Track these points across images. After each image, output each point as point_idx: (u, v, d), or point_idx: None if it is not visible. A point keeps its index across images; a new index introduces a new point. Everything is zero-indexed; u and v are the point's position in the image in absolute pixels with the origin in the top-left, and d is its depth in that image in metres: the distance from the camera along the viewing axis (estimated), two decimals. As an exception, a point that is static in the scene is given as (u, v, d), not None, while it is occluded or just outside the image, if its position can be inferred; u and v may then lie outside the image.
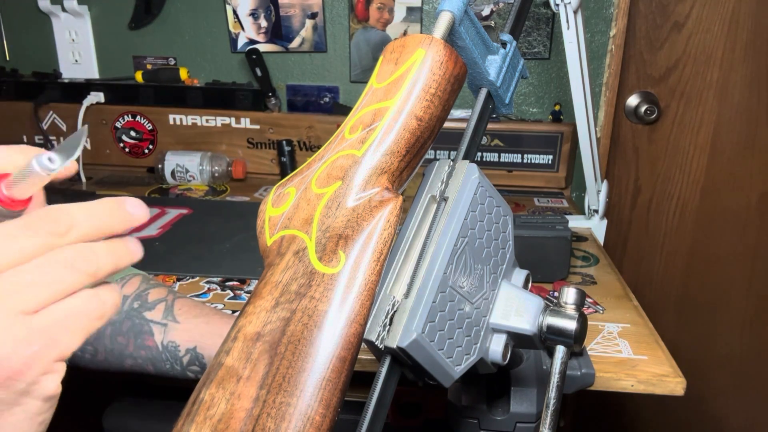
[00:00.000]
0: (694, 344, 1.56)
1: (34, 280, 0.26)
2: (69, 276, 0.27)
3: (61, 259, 0.27)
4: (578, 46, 1.00)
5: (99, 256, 0.28)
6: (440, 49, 0.33)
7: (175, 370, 0.61)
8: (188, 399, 0.29)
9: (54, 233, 0.27)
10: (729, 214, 1.45)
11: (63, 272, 0.27)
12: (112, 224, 0.29)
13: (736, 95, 1.38)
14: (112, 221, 0.29)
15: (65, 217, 0.28)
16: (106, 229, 0.29)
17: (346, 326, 0.30)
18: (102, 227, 0.29)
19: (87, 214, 0.28)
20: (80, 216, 0.28)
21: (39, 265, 0.26)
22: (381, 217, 0.32)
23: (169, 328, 0.61)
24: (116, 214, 0.29)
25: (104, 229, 0.29)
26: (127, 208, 0.30)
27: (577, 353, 0.66)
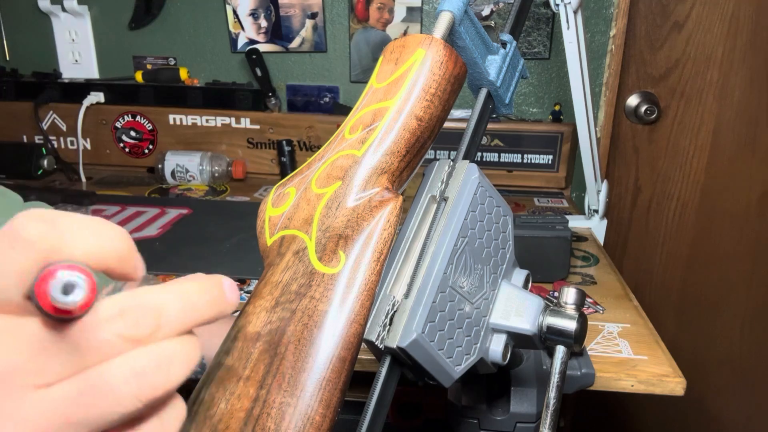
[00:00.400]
0: (694, 344, 1.56)
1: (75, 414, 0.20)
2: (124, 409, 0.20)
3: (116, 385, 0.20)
4: (578, 46, 1.00)
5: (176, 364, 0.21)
6: (440, 49, 0.33)
7: None
8: (188, 399, 0.29)
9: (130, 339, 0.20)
10: (729, 214, 1.45)
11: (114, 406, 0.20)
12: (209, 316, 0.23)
13: (736, 95, 1.38)
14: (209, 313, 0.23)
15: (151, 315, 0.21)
16: (200, 323, 0.23)
17: (346, 326, 0.30)
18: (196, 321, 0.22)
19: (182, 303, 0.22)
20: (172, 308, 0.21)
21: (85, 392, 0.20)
22: (381, 217, 0.32)
23: None
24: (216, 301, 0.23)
25: (198, 322, 0.22)
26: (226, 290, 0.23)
27: (577, 353, 0.66)
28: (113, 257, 0.21)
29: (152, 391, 0.20)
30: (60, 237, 0.20)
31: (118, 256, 0.21)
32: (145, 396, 0.20)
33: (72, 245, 0.20)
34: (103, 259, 0.20)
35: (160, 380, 0.21)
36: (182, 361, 0.21)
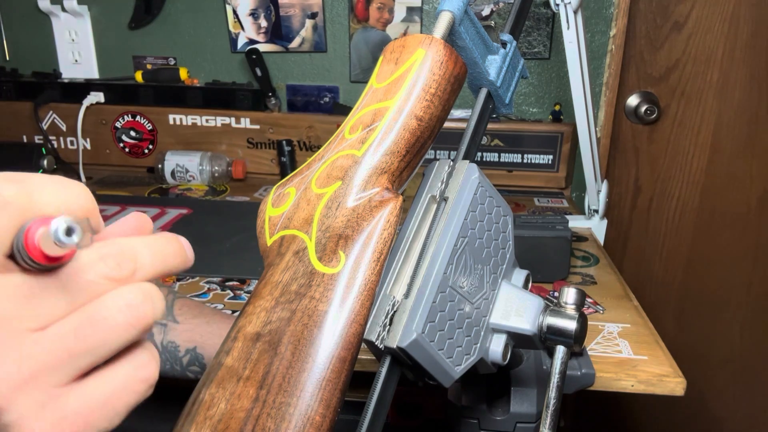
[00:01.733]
0: (694, 344, 1.56)
1: (80, 347, 0.22)
2: (123, 335, 0.22)
3: (115, 314, 0.22)
4: (578, 46, 1.00)
5: (156, 300, 0.23)
6: (440, 49, 0.33)
7: (174, 370, 0.61)
8: (188, 399, 0.29)
9: (113, 279, 0.22)
10: (729, 214, 1.45)
11: (117, 332, 0.22)
12: (173, 265, 0.25)
13: (736, 95, 1.38)
14: (174, 262, 0.25)
15: (129, 259, 0.23)
16: (167, 271, 0.24)
17: (346, 326, 0.30)
18: (164, 268, 0.24)
19: (151, 251, 0.24)
20: (145, 254, 0.23)
21: (86, 327, 0.22)
22: (381, 217, 0.32)
23: (169, 328, 0.61)
24: (178, 252, 0.25)
25: (166, 270, 0.24)
26: (184, 245, 0.25)
27: (577, 353, 0.66)
28: (80, 211, 0.23)
29: (143, 319, 0.22)
30: (30, 195, 0.21)
31: (85, 209, 0.23)
32: (138, 324, 0.22)
33: (43, 202, 0.21)
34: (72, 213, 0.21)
35: (149, 311, 0.23)
36: (161, 298, 0.23)
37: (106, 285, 0.22)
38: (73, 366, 0.22)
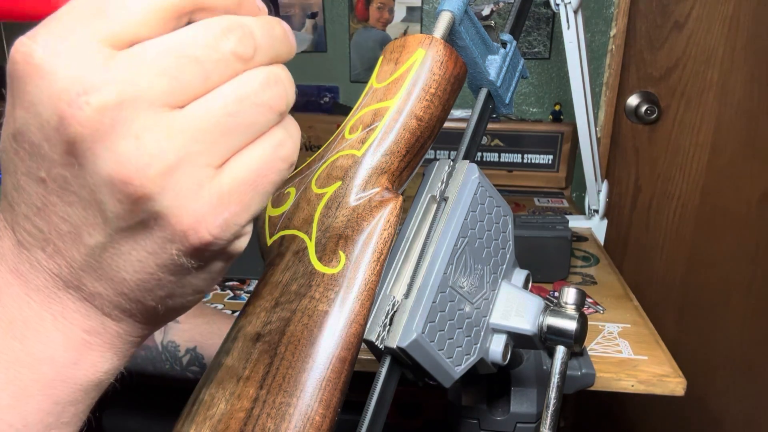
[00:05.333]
0: (694, 344, 1.56)
1: (228, 124, 0.21)
2: (265, 115, 0.22)
3: (251, 94, 0.21)
4: (578, 46, 1.00)
5: (287, 84, 0.22)
6: (440, 49, 0.33)
7: (174, 370, 0.61)
8: (188, 399, 0.29)
9: (244, 57, 0.21)
10: (729, 214, 1.45)
11: (259, 111, 0.22)
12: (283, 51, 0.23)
13: (737, 95, 1.38)
14: (282, 48, 0.23)
15: (250, 38, 0.21)
16: (277, 58, 0.23)
17: (346, 326, 0.30)
18: (275, 54, 0.23)
19: (267, 34, 0.22)
20: (262, 36, 0.22)
21: (231, 104, 0.21)
22: (381, 217, 0.32)
23: (169, 327, 0.61)
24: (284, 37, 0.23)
25: (276, 57, 0.23)
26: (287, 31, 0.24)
27: (577, 353, 0.66)
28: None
29: (282, 99, 0.22)
30: None
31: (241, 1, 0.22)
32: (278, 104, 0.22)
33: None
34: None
35: (285, 92, 0.22)
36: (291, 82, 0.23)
37: (235, 64, 0.21)
38: (224, 145, 0.21)
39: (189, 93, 0.20)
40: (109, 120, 0.19)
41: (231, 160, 0.21)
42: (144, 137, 0.19)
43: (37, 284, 0.22)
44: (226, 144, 0.21)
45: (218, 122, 0.21)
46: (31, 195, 0.21)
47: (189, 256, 0.22)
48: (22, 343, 0.22)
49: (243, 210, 0.22)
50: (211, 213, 0.21)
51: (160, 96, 0.20)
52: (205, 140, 0.20)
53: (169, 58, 0.20)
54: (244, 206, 0.22)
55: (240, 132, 0.21)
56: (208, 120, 0.20)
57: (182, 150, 0.20)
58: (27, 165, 0.21)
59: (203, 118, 0.20)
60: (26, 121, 0.20)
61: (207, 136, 0.20)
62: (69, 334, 0.23)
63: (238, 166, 0.21)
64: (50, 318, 0.23)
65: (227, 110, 0.21)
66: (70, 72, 0.19)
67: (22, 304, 0.22)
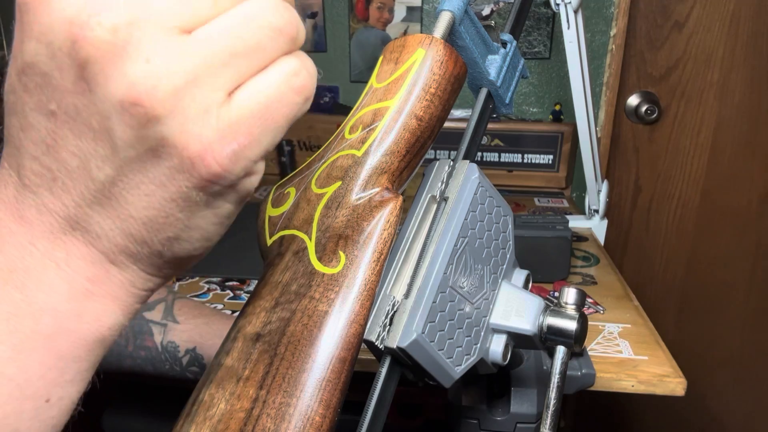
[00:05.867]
0: (694, 344, 1.56)
1: (237, 47, 0.21)
2: (278, 40, 0.21)
3: (267, 16, 0.21)
4: (578, 46, 1.00)
5: (294, 15, 0.22)
6: (440, 49, 0.33)
7: (174, 370, 0.61)
8: (188, 399, 0.29)
9: None
10: (729, 214, 1.45)
11: (271, 35, 0.21)
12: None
13: (737, 95, 1.38)
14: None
15: None
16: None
17: (346, 326, 0.30)
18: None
19: None
20: None
21: (240, 26, 0.21)
22: (381, 217, 0.32)
23: (169, 328, 0.61)
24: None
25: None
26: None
27: (577, 353, 0.66)
28: None
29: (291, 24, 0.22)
30: None
31: None
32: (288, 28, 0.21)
33: None
34: None
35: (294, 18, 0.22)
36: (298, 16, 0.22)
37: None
38: (233, 69, 0.21)
39: (199, 17, 0.20)
40: (120, 41, 0.19)
41: (241, 88, 0.21)
42: (154, 59, 0.19)
43: (42, 230, 0.22)
44: (236, 68, 0.21)
45: (226, 44, 0.20)
46: (40, 131, 0.21)
47: (197, 189, 0.21)
48: (23, 293, 0.22)
49: (253, 142, 0.21)
50: (218, 141, 0.20)
51: (171, 19, 0.20)
52: (213, 63, 0.20)
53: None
54: (255, 138, 0.21)
55: (249, 55, 0.21)
56: (216, 42, 0.20)
57: (191, 73, 0.20)
58: (37, 99, 0.21)
59: (211, 40, 0.20)
60: (37, 51, 0.20)
61: (215, 59, 0.20)
62: (73, 284, 0.23)
63: (248, 94, 0.21)
64: (53, 266, 0.22)
65: (235, 32, 0.20)
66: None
67: (25, 252, 0.22)
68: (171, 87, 0.19)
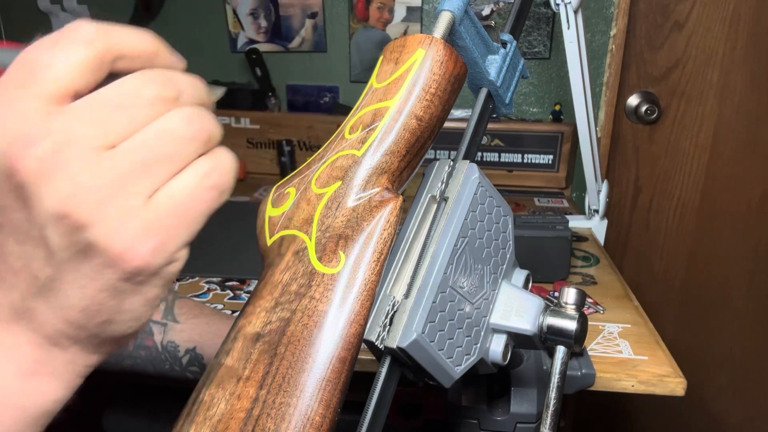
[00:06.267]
0: (695, 344, 1.56)
1: (151, 157, 0.24)
2: (188, 146, 0.25)
3: (177, 128, 0.24)
4: (578, 46, 1.00)
5: (208, 120, 0.25)
6: (440, 49, 0.33)
7: (174, 370, 0.61)
8: (188, 399, 0.29)
9: (164, 99, 0.25)
10: (729, 214, 1.45)
11: (182, 143, 0.24)
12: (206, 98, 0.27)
13: (737, 95, 1.38)
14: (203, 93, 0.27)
15: (173, 79, 0.25)
16: (202, 101, 0.26)
17: (346, 326, 0.30)
18: (200, 97, 0.26)
19: (190, 83, 0.26)
20: (183, 81, 0.26)
21: (155, 138, 0.24)
22: (381, 217, 0.32)
23: (169, 328, 0.61)
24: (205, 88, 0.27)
25: (201, 100, 0.26)
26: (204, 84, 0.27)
27: (577, 353, 0.66)
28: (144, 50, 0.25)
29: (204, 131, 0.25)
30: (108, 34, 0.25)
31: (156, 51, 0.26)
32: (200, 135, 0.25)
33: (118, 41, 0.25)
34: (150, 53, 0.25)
35: (206, 124, 0.25)
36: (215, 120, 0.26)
37: (158, 105, 0.24)
38: (150, 177, 0.24)
39: (117, 135, 0.23)
40: (49, 166, 0.22)
41: (160, 191, 0.24)
42: (78, 177, 0.23)
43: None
44: (152, 175, 0.24)
45: (142, 157, 0.24)
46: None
47: (124, 280, 0.25)
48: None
49: (171, 237, 0.25)
50: (139, 240, 0.24)
51: (91, 141, 0.23)
52: (131, 174, 0.23)
53: (97, 108, 0.23)
54: (172, 234, 0.25)
55: (163, 163, 0.24)
56: (133, 156, 0.23)
57: (111, 185, 0.23)
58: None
59: (128, 154, 0.23)
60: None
61: (133, 170, 0.23)
62: (20, 365, 0.26)
63: (165, 197, 0.24)
64: (2, 350, 0.26)
65: (148, 145, 0.24)
66: (15, 131, 0.23)
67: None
68: (94, 199, 0.23)
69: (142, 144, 0.24)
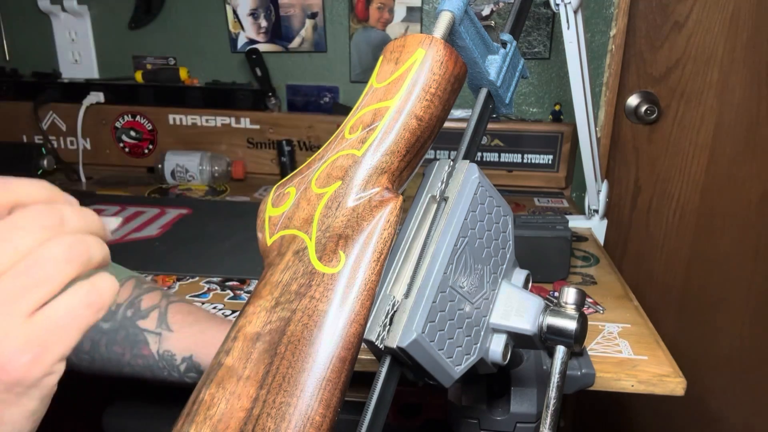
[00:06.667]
0: (694, 344, 1.56)
1: (32, 280, 0.26)
2: (65, 269, 0.27)
3: (55, 253, 0.27)
4: (578, 46, 1.00)
5: (90, 244, 0.28)
6: (440, 49, 0.33)
7: (172, 376, 0.61)
8: (188, 399, 0.29)
9: (47, 228, 0.27)
10: (729, 214, 1.45)
11: (59, 266, 0.27)
12: (95, 227, 0.30)
13: (737, 95, 1.38)
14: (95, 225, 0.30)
15: (56, 211, 0.28)
16: (90, 230, 0.29)
17: (346, 326, 0.30)
18: (87, 226, 0.29)
19: (73, 209, 0.29)
20: (67, 210, 0.28)
21: (35, 263, 0.26)
22: (381, 216, 0.32)
23: (164, 337, 0.61)
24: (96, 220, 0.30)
25: (89, 228, 0.29)
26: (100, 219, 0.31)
27: (577, 353, 0.66)
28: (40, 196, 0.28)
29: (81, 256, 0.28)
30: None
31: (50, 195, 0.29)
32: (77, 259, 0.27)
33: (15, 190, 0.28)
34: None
35: (83, 249, 0.28)
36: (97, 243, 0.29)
37: (41, 233, 0.27)
38: (29, 299, 0.26)
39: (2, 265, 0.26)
40: None
41: (39, 311, 0.27)
42: None
43: None
44: (31, 296, 0.26)
45: (21, 282, 0.26)
46: None
47: (4, 391, 0.27)
48: None
49: (47, 351, 0.27)
50: (16, 353, 0.26)
51: None
52: (11, 296, 0.26)
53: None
54: (50, 348, 0.27)
55: (41, 285, 0.27)
56: (13, 281, 0.26)
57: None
58: None
59: (10, 280, 0.26)
60: None
61: (12, 293, 0.26)
62: None
63: (43, 315, 0.27)
64: None
65: (27, 270, 0.26)
66: None
67: None
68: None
69: (24, 269, 0.26)
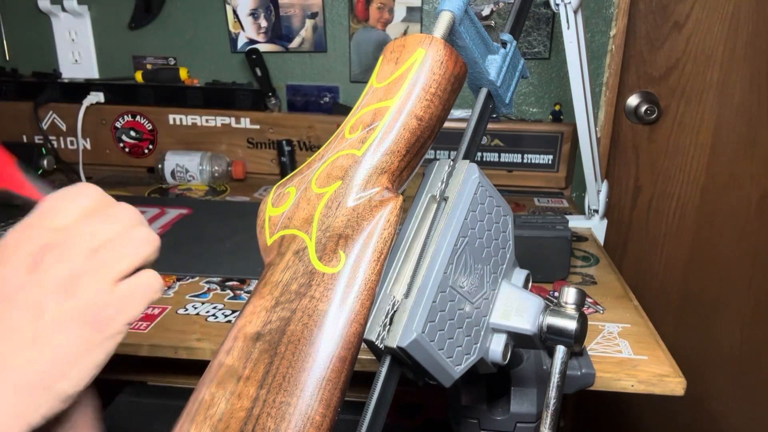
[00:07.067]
0: (694, 344, 1.56)
1: (123, 253, 0.35)
2: (145, 249, 0.36)
3: (140, 236, 0.36)
4: (578, 46, 1.00)
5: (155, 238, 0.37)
6: (440, 49, 0.33)
7: None
8: (188, 399, 0.29)
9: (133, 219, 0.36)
10: (729, 214, 1.45)
11: (141, 246, 0.35)
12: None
13: (737, 95, 1.38)
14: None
15: (138, 214, 0.37)
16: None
17: (346, 326, 0.30)
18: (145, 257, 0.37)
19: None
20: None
21: (127, 241, 0.35)
22: (381, 216, 0.32)
23: None
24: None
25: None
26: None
27: (577, 353, 0.66)
28: None
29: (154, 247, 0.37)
30: None
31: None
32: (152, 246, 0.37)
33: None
34: None
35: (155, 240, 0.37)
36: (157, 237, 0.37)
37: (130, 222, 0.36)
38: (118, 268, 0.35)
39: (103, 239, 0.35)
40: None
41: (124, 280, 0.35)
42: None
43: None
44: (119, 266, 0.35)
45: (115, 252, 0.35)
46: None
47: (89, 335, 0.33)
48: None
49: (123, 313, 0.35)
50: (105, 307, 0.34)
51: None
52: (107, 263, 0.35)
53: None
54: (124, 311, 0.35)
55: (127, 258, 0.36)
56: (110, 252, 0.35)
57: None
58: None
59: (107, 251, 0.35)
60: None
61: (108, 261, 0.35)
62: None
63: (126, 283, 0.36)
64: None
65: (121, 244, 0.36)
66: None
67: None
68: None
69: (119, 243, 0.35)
